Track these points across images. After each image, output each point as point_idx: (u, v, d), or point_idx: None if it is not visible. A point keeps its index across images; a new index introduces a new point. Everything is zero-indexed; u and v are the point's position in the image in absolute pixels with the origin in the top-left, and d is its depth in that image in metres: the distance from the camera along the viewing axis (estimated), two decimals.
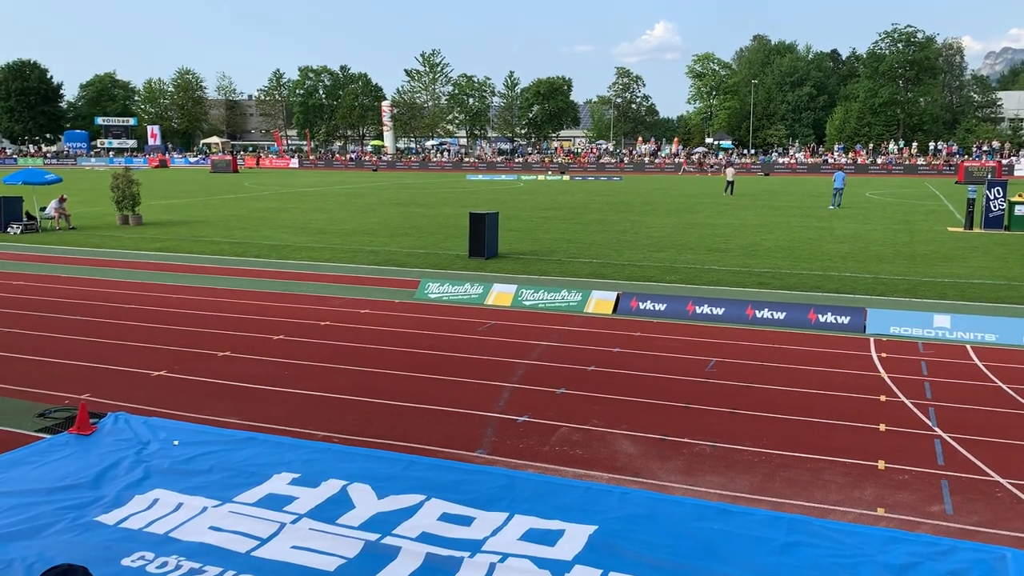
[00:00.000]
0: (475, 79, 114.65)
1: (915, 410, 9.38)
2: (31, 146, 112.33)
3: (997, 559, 5.82)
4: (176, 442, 8.01)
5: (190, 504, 6.68)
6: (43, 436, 8.30)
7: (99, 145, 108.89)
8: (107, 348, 12.04)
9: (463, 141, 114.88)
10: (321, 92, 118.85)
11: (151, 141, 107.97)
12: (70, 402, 9.45)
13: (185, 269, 19.64)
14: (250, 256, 21.63)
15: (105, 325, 13.55)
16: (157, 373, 10.77)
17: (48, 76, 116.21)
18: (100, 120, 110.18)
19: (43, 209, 28.84)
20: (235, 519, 6.44)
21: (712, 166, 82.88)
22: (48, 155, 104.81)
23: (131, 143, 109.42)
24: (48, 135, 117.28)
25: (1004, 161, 72.05)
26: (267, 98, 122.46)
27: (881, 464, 7.79)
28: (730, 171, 51.51)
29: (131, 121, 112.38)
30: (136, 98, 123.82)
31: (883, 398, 9.82)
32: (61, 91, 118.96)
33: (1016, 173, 71.04)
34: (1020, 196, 28.13)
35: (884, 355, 11.77)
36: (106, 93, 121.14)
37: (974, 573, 5.65)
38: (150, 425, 8.45)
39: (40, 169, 37.90)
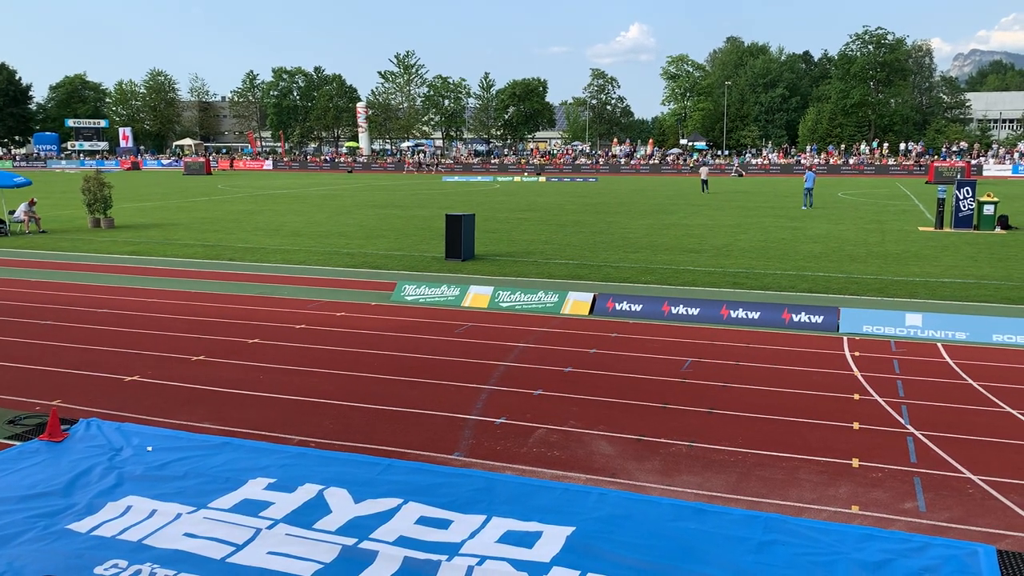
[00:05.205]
0: (450, 80, 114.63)
1: (888, 408, 9.49)
2: None
3: (969, 555, 5.90)
4: (150, 448, 7.92)
5: (164, 511, 6.60)
6: (13, 443, 8.16)
7: (70, 147, 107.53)
8: (78, 353, 11.88)
9: (439, 143, 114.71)
10: (295, 93, 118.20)
11: (123, 143, 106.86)
12: (41, 408, 9.31)
13: (158, 272, 19.44)
14: (224, 259, 21.45)
15: (76, 330, 13.37)
16: (130, 378, 10.64)
17: (17, 77, 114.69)
18: (70, 122, 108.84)
19: (12, 212, 28.44)
20: (210, 525, 6.37)
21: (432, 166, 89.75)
22: (17, 158, 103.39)
23: (102, 145, 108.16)
24: (17, 137, 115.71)
25: (973, 161, 73.23)
26: (241, 99, 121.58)
27: (855, 462, 7.87)
28: (704, 170, 53.33)
29: (102, 123, 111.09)
30: (107, 100, 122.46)
31: (856, 396, 9.92)
32: (30, 93, 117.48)
33: (985, 173, 72.18)
34: (989, 196, 28.56)
35: (857, 354, 11.89)
36: (76, 95, 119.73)
37: (947, 569, 5.72)
38: (123, 431, 8.34)
39: (9, 172, 37.37)
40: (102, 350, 12.07)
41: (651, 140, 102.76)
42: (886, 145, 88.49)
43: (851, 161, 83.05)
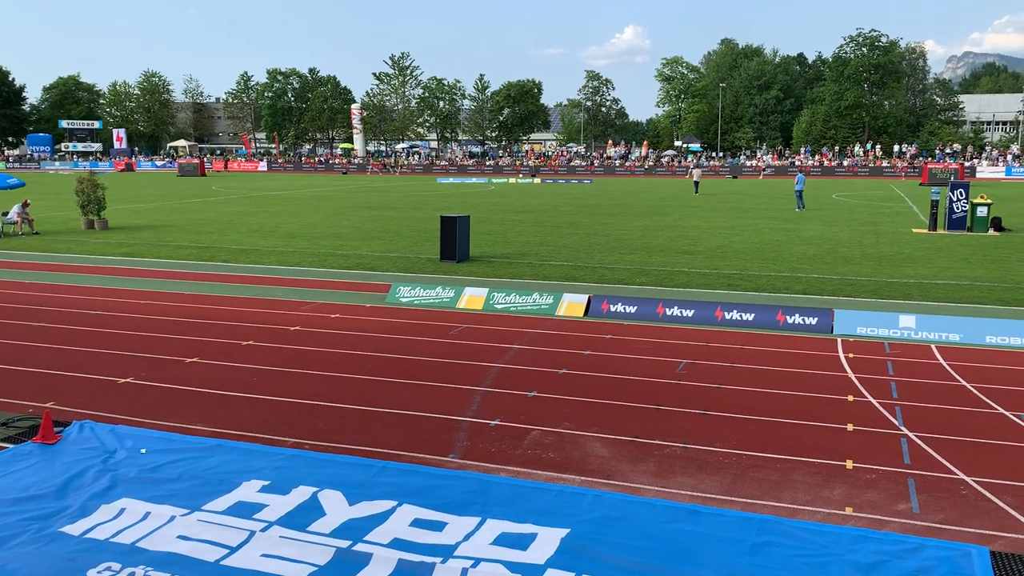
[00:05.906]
0: (445, 82, 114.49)
1: (882, 410, 9.51)
2: None
3: (962, 556, 5.91)
4: (143, 450, 7.89)
5: (158, 513, 6.58)
6: (6, 446, 8.14)
7: (63, 148, 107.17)
8: (72, 355, 11.84)
9: (434, 144, 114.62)
10: (290, 95, 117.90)
11: (117, 144, 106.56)
12: (34, 410, 9.28)
13: (151, 274, 19.39)
14: (218, 260, 21.41)
15: (70, 332, 13.33)
16: (123, 380, 10.61)
17: (10, 78, 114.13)
18: (64, 123, 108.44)
19: (5, 214, 28.33)
20: (204, 528, 6.36)
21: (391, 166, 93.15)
22: (10, 159, 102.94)
23: (96, 146, 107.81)
24: (10, 138, 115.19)
25: (966, 163, 73.40)
26: (235, 101, 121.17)
27: (849, 464, 7.88)
28: (696, 172, 53.87)
29: (96, 124, 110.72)
30: (101, 101, 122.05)
31: (850, 398, 9.94)
32: (24, 94, 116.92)
33: (978, 175, 72.35)
34: (982, 198, 28.65)
35: (851, 355, 11.92)
36: (70, 96, 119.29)
37: (940, 570, 5.73)
38: (116, 433, 8.32)
39: (2, 173, 37.28)
40: (95, 352, 12.03)
41: (646, 142, 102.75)
42: (880, 147, 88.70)
43: (845, 163, 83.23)
